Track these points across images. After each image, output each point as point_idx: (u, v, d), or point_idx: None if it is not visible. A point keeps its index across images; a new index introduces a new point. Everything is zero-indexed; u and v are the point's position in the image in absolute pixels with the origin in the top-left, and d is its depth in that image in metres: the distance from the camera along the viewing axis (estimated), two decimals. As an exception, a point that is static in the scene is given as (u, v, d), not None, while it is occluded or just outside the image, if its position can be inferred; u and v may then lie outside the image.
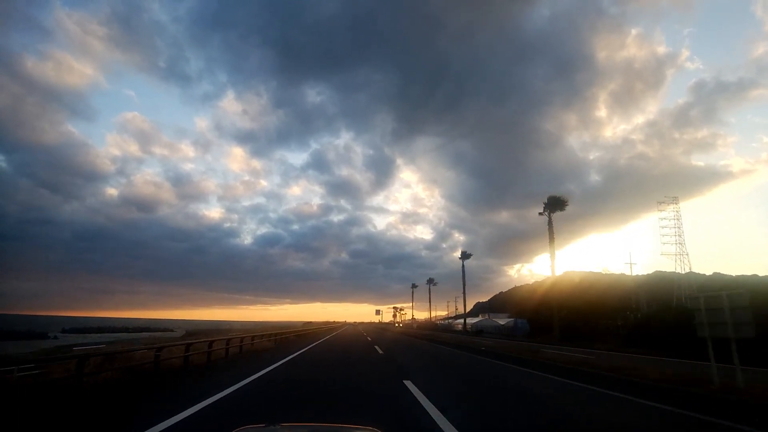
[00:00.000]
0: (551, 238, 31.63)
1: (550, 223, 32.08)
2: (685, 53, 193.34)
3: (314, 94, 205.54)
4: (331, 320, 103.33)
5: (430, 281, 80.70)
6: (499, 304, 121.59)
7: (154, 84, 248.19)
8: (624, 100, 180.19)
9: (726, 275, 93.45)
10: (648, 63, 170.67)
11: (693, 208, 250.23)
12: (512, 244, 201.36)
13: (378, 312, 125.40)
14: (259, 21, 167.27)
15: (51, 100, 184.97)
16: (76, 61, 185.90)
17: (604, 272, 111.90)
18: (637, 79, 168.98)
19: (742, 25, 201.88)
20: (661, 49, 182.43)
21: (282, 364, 11.81)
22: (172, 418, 5.08)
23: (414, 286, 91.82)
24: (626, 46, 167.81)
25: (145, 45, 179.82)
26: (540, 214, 32.79)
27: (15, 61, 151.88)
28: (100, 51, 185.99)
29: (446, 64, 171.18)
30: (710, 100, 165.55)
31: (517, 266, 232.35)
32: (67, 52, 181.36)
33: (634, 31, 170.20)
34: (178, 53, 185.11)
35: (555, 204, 31.90)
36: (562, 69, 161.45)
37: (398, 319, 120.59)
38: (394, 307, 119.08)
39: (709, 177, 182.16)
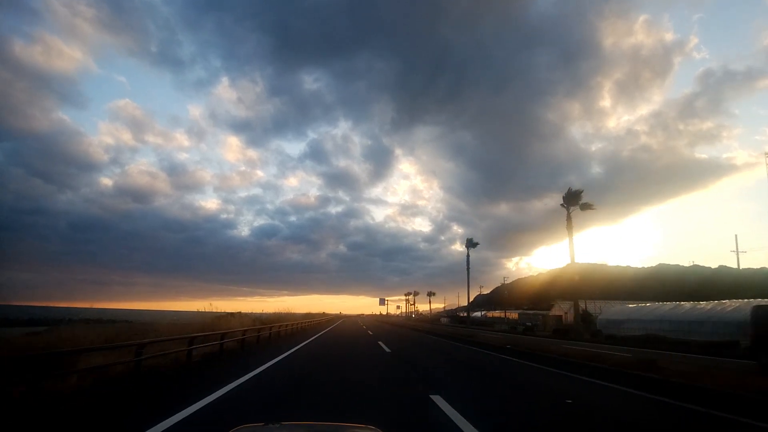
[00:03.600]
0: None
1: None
2: (694, 40, 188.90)
3: (311, 81, 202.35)
4: (316, 311, 63.02)
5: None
6: (500, 296, 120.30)
7: (146, 69, 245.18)
8: (629, 90, 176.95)
9: (731, 268, 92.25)
10: (655, 50, 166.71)
11: (695, 201, 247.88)
12: (511, 236, 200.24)
13: (383, 302, 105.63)
14: (255, 3, 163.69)
15: (41, 86, 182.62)
16: (65, 44, 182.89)
17: (604, 264, 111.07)
18: (644, 68, 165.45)
19: (752, 12, 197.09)
20: (669, 36, 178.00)
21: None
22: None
23: (473, 243, 49.41)
24: (634, 32, 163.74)
25: (135, 28, 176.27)
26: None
27: (2, 44, 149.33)
28: (89, 34, 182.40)
29: (448, 51, 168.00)
30: (717, 90, 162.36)
31: (515, 259, 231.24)
32: (55, 35, 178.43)
33: (642, 17, 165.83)
34: (171, 36, 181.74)
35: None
36: (567, 56, 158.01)
37: (405, 310, 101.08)
38: (407, 294, 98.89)
39: (713, 170, 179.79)
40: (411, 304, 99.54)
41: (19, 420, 4.72)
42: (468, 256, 47.18)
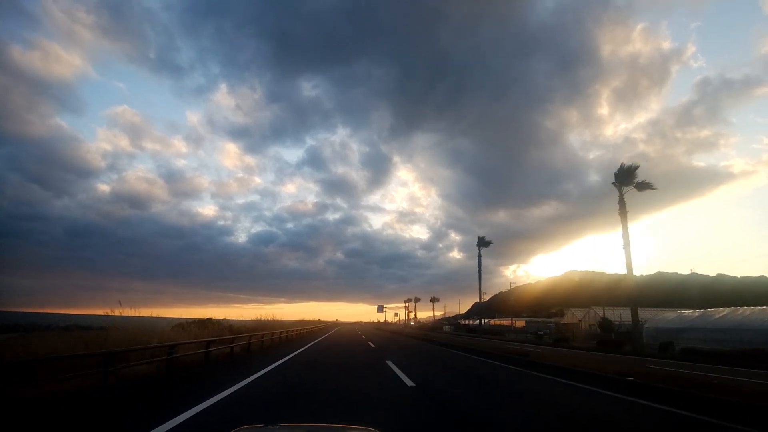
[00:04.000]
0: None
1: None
2: (691, 49, 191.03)
3: (310, 88, 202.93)
4: (311, 319, 56.37)
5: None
6: (498, 304, 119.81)
7: (145, 75, 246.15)
8: (627, 98, 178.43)
9: (730, 276, 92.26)
10: (653, 59, 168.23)
11: (693, 209, 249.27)
12: (509, 244, 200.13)
13: (381, 309, 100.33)
14: (254, 9, 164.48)
15: (39, 91, 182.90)
16: (64, 50, 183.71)
17: (602, 273, 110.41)
18: (642, 76, 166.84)
19: (750, 21, 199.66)
20: (667, 44, 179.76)
21: None
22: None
23: (485, 242, 45.03)
24: (632, 40, 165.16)
25: (134, 34, 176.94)
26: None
27: (1, 49, 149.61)
28: (88, 40, 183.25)
29: (446, 58, 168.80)
30: (714, 98, 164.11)
31: (513, 267, 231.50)
32: (54, 41, 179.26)
33: (640, 25, 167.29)
34: (169, 43, 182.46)
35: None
36: (565, 64, 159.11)
37: (404, 317, 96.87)
38: (406, 301, 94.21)
39: (710, 178, 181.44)
40: (410, 312, 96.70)
41: None
42: (479, 256, 44.13)
